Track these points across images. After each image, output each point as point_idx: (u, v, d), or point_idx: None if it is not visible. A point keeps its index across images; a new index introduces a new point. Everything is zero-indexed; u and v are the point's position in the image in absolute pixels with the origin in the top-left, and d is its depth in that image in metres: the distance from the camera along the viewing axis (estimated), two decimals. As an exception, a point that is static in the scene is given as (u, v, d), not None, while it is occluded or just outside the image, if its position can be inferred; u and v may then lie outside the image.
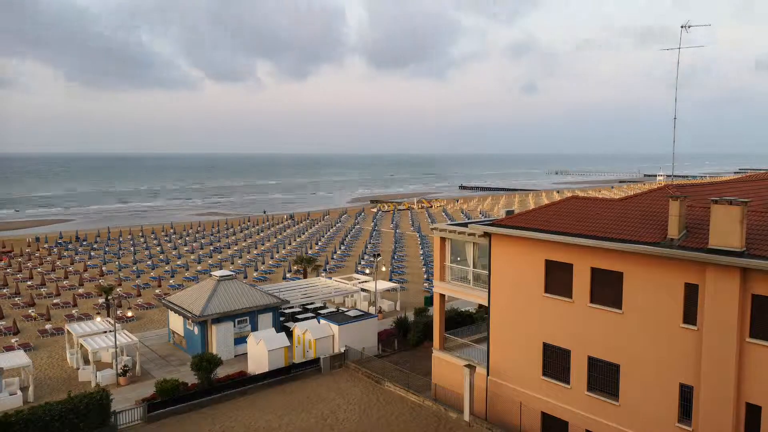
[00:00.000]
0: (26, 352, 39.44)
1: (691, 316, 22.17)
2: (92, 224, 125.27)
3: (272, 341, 37.57)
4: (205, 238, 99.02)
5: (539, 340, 27.54)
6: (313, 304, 49.27)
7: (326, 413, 31.61)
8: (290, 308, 47.84)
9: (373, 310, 49.66)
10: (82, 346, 38.41)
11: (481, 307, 43.66)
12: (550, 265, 26.80)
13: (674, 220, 22.61)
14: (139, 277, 67.82)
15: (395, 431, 29.66)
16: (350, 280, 55.26)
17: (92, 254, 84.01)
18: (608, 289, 24.67)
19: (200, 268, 72.91)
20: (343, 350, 38.68)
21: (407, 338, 42.31)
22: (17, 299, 57.22)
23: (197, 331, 40.44)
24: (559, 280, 26.46)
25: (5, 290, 60.67)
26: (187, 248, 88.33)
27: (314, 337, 38.78)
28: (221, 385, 33.73)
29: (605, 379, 25.28)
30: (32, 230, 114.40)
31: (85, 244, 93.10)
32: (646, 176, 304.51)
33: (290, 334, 41.24)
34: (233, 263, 74.90)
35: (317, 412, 31.80)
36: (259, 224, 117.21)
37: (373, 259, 69.90)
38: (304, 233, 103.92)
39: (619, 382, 24.69)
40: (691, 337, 22.17)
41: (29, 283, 64.87)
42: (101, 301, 53.98)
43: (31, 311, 52.26)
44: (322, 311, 47.08)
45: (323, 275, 61.35)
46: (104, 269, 71.34)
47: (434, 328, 33.71)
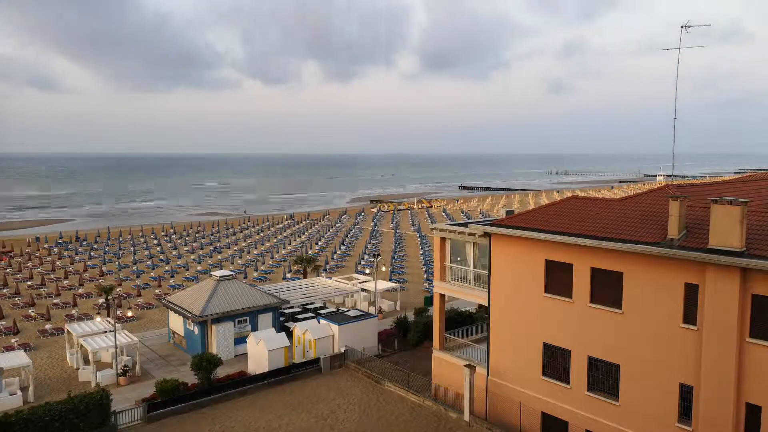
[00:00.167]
0: (26, 352, 39.46)
1: (691, 316, 22.17)
2: (92, 224, 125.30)
3: (272, 341, 37.57)
4: (205, 238, 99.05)
5: (539, 340, 27.54)
6: (313, 304, 49.27)
7: (326, 413, 31.61)
8: (290, 308, 47.85)
9: (373, 310, 49.66)
10: (82, 346, 38.42)
11: (481, 307, 43.67)
12: (550, 265, 26.80)
13: (674, 220, 22.61)
14: (139, 277, 67.84)
15: (395, 431, 29.67)
16: (350, 280, 55.26)
17: (92, 254, 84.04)
18: (608, 289, 24.67)
19: (200, 268, 72.92)
20: (343, 350, 38.69)
21: (407, 338, 42.31)
22: (17, 299, 57.25)
23: (197, 331, 40.44)
24: (559, 280, 26.46)
25: (5, 290, 60.69)
26: (187, 248, 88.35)
27: (314, 337, 38.79)
28: (221, 385, 33.73)
29: (605, 379, 25.28)
30: (32, 230, 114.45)
31: (85, 244, 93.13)
32: (646, 176, 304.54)
33: (290, 334, 41.24)
34: (233, 263, 74.91)
35: (317, 412, 31.80)
36: (259, 224, 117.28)
37: (373, 259, 69.90)
38: (304, 233, 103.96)
39: (619, 382, 24.68)
40: (691, 337, 22.17)
41: (29, 283, 64.89)
42: (101, 301, 53.99)
43: (31, 311, 52.28)
44: (322, 311, 47.08)
45: (323, 275, 61.35)
46: (104, 269, 71.36)
47: (434, 328, 33.71)
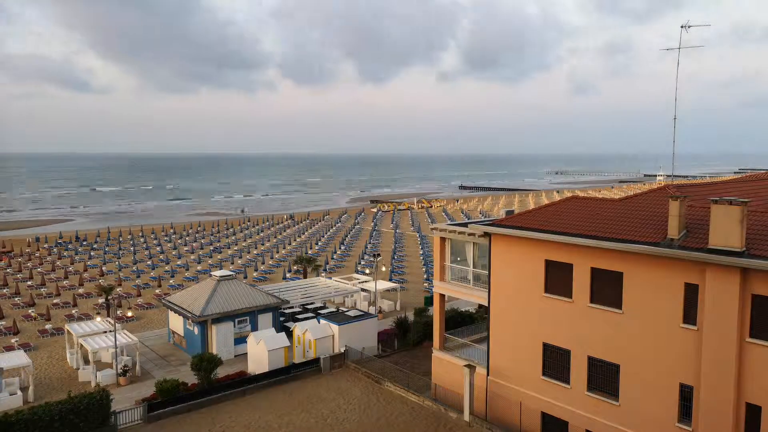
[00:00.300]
0: (26, 352, 39.45)
1: (691, 316, 22.17)
2: (92, 224, 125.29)
3: (272, 341, 37.57)
4: (205, 238, 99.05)
5: (539, 340, 27.54)
6: (313, 304, 49.27)
7: (326, 413, 31.61)
8: (290, 308, 47.86)
9: (373, 310, 49.65)
10: (82, 346, 38.40)
11: (481, 307, 43.66)
12: (550, 265, 26.80)
13: (674, 220, 22.60)
14: (139, 277, 67.83)
15: (395, 431, 29.67)
16: (350, 280, 55.27)
17: (92, 254, 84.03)
18: (608, 289, 24.66)
19: (200, 268, 72.92)
20: (343, 350, 38.68)
21: (407, 338, 42.30)
22: (17, 299, 57.23)
23: (197, 331, 40.44)
24: (559, 280, 26.46)
25: (5, 290, 60.70)
26: (187, 248, 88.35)
27: (314, 337, 38.79)
28: (221, 385, 33.72)
29: (605, 379, 25.28)
30: (32, 230, 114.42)
31: (85, 244, 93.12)
32: (646, 176, 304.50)
33: (290, 334, 41.25)
34: (233, 263, 74.91)
35: (317, 412, 31.80)
36: (259, 224, 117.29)
37: (373, 259, 69.91)
38: (304, 233, 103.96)
39: (619, 382, 24.69)
40: (691, 337, 22.17)
41: (29, 283, 64.88)
42: (101, 301, 53.99)
43: (31, 311, 52.27)
44: (322, 311, 47.08)
45: (323, 275, 61.35)
46: (104, 269, 71.36)
47: (434, 328, 33.71)
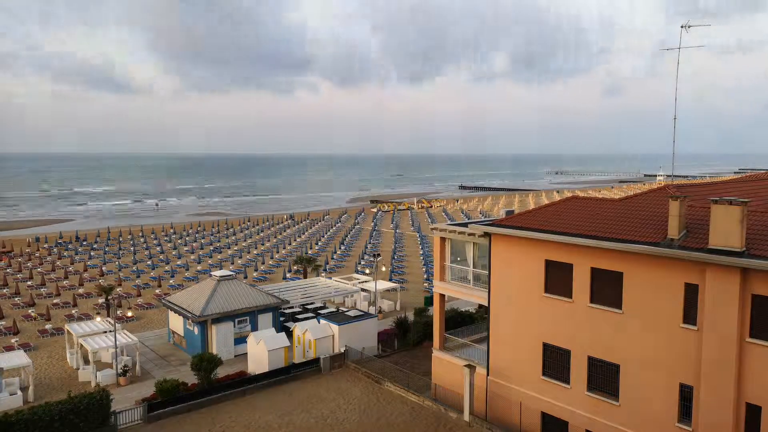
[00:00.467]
0: (26, 352, 39.45)
1: (691, 316, 22.17)
2: (92, 224, 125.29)
3: (272, 341, 37.58)
4: (205, 238, 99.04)
5: (539, 340, 27.54)
6: (313, 304, 49.27)
7: (326, 413, 31.60)
8: (290, 308, 47.86)
9: (373, 310, 49.64)
10: (82, 346, 38.40)
11: (481, 307, 43.66)
12: (550, 265, 26.80)
13: (674, 220, 22.60)
14: (139, 277, 67.83)
15: (395, 431, 29.67)
16: (350, 280, 55.27)
17: (92, 254, 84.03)
18: (608, 289, 24.66)
19: (200, 268, 72.92)
20: (343, 350, 38.68)
21: (407, 338, 42.30)
22: (17, 299, 57.23)
23: (197, 331, 40.44)
24: (559, 280, 26.46)
25: (5, 290, 60.70)
26: (187, 248, 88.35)
27: (314, 337, 38.79)
28: (221, 385, 33.71)
29: (605, 379, 25.28)
30: (32, 230, 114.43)
31: (85, 244, 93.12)
32: (646, 176, 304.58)
33: (290, 334, 41.25)
34: (233, 263, 74.90)
35: (317, 412, 31.80)
36: (259, 224, 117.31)
37: (373, 259, 69.93)
38: (304, 233, 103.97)
39: (619, 382, 24.69)
40: (691, 337, 22.17)
41: (29, 283, 64.88)
42: (101, 301, 54.00)
43: (31, 311, 52.27)
44: (322, 311, 47.08)
45: (323, 275, 61.35)
46: (104, 269, 71.36)
47: (434, 328, 33.71)
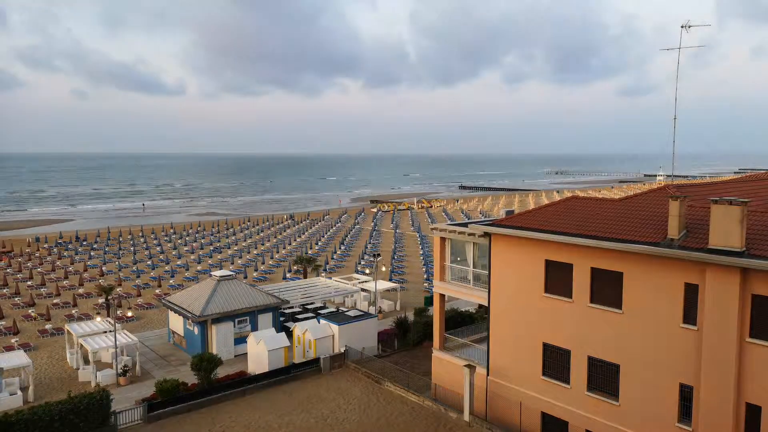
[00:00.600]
0: (26, 352, 39.45)
1: (691, 316, 22.17)
2: (92, 224, 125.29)
3: (272, 341, 37.57)
4: (205, 238, 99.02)
5: (539, 340, 27.55)
6: (313, 304, 49.27)
7: (326, 413, 31.61)
8: (290, 308, 47.86)
9: (373, 310, 49.65)
10: (82, 346, 38.41)
11: (481, 307, 43.66)
12: (550, 265, 26.80)
13: (674, 220, 22.61)
14: (139, 277, 67.82)
15: (395, 431, 29.67)
16: (350, 280, 55.27)
17: (92, 254, 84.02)
18: (608, 289, 24.67)
19: (200, 268, 72.92)
20: (343, 350, 38.68)
21: (407, 338, 42.30)
22: (17, 299, 57.23)
23: (197, 331, 40.44)
24: (559, 280, 26.46)
25: (5, 290, 60.69)
26: (187, 248, 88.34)
27: (314, 337, 38.78)
28: (221, 385, 33.72)
29: (605, 379, 25.28)
30: (32, 230, 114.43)
31: (85, 244, 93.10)
32: (646, 176, 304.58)
33: (290, 334, 41.25)
34: (233, 263, 74.89)
35: (317, 412, 31.80)
36: (259, 224, 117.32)
37: (373, 259, 69.91)
38: (304, 233, 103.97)
39: (619, 382, 24.69)
40: (691, 337, 22.18)
41: (29, 283, 64.87)
42: (101, 301, 53.99)
43: (31, 311, 52.27)
44: (322, 311, 47.07)
45: (323, 275, 61.35)
46: (104, 269, 71.35)
47: (434, 328, 33.71)
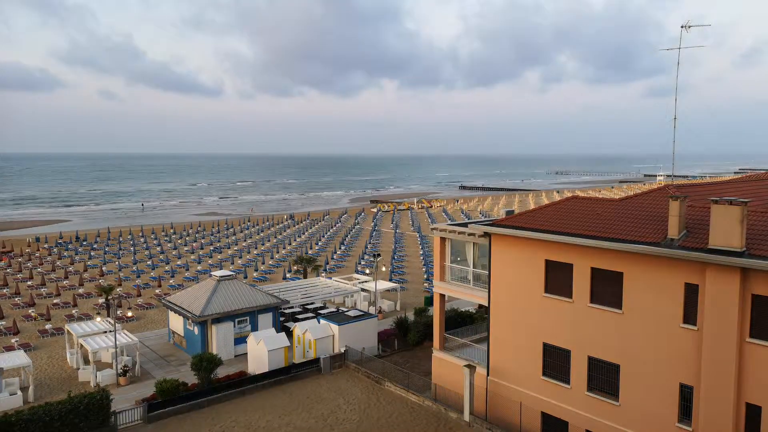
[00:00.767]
0: (26, 352, 39.48)
1: (691, 316, 22.18)
2: (92, 224, 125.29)
3: (272, 341, 37.56)
4: (205, 238, 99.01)
5: (539, 340, 27.55)
6: (313, 304, 49.28)
7: (326, 413, 31.61)
8: (290, 308, 47.87)
9: (373, 310, 49.66)
10: (82, 346, 38.41)
11: (481, 307, 43.68)
12: (550, 265, 26.80)
13: (674, 220, 22.61)
14: (139, 277, 67.83)
15: (395, 431, 29.67)
16: (350, 280, 55.27)
17: (92, 254, 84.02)
18: (608, 289, 24.67)
19: (200, 268, 72.91)
20: (343, 350, 38.68)
21: (407, 338, 42.30)
22: (17, 299, 57.23)
23: (197, 331, 40.43)
24: (559, 280, 26.46)
25: (5, 290, 60.68)
26: (187, 248, 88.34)
27: (314, 337, 38.78)
28: (221, 385, 33.72)
29: (605, 379, 25.28)
30: (32, 230, 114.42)
31: (85, 244, 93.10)
32: (646, 176, 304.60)
33: (290, 334, 41.25)
34: (233, 263, 74.88)
35: (317, 412, 31.80)
36: (259, 224, 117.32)
37: (373, 259, 69.89)
38: (304, 233, 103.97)
39: (619, 382, 24.69)
40: (691, 337, 22.18)
41: (29, 283, 64.87)
42: (101, 301, 54.00)
43: (31, 311, 52.26)
44: (322, 311, 47.07)
45: (323, 275, 61.35)
46: (104, 269, 71.34)
47: (434, 328, 33.71)
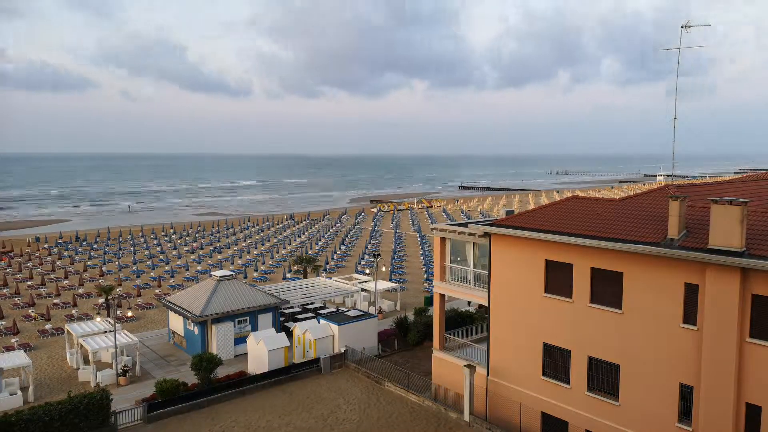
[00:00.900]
0: (26, 352, 39.47)
1: (691, 316, 22.18)
2: (92, 224, 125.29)
3: (272, 341, 37.56)
4: (205, 238, 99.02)
5: (539, 340, 27.54)
6: (313, 304, 49.27)
7: (326, 413, 31.61)
8: (290, 308, 47.87)
9: (373, 310, 49.65)
10: (82, 346, 38.41)
11: (481, 307, 43.69)
12: (550, 265, 26.80)
13: (674, 220, 22.61)
14: (139, 277, 67.83)
15: (395, 431, 29.67)
16: (350, 280, 55.27)
17: (92, 254, 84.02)
18: (608, 289, 24.67)
19: (200, 268, 72.91)
20: (343, 350, 38.68)
21: (407, 338, 42.30)
22: (17, 299, 57.22)
23: (197, 331, 40.43)
24: (559, 280, 26.46)
25: (5, 290, 60.67)
26: (187, 248, 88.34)
27: (314, 337, 38.78)
28: (221, 385, 33.72)
29: (605, 379, 25.29)
30: (32, 230, 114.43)
31: (85, 244, 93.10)
32: (646, 176, 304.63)
33: (290, 334, 41.25)
34: (233, 263, 74.88)
35: (317, 412, 31.81)
36: (259, 224, 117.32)
37: (373, 259, 69.89)
38: (304, 233, 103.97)
39: (619, 382, 24.69)
40: (691, 337, 22.18)
41: (29, 283, 64.87)
42: (101, 301, 54.00)
43: (31, 311, 52.26)
44: (322, 311, 47.06)
45: (323, 275, 61.35)
46: (104, 269, 71.34)
47: (434, 328, 33.71)
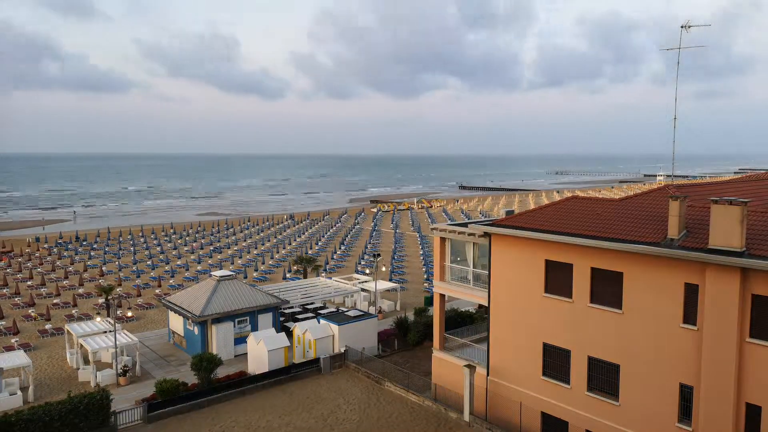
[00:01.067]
0: (26, 352, 39.48)
1: (691, 316, 22.18)
2: (92, 224, 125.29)
3: (272, 341, 37.57)
4: (205, 238, 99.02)
5: (539, 340, 27.55)
6: (313, 304, 49.27)
7: (326, 413, 31.62)
8: (290, 308, 47.87)
9: (373, 310, 49.66)
10: (82, 346, 38.41)
11: (481, 307, 43.69)
12: (550, 265, 26.80)
13: (674, 220, 22.61)
14: (139, 277, 67.83)
15: (395, 431, 29.67)
16: (350, 280, 55.28)
17: (92, 254, 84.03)
18: (608, 289, 24.67)
19: (200, 268, 72.91)
20: (343, 350, 38.68)
21: (407, 338, 42.30)
22: (17, 299, 57.22)
23: (197, 331, 40.44)
24: (559, 280, 26.46)
25: (5, 290, 60.68)
26: (187, 248, 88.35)
27: (314, 337, 38.79)
28: (221, 385, 33.72)
29: (605, 379, 25.29)
30: (32, 230, 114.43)
31: (85, 244, 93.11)
32: (646, 176, 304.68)
33: (290, 334, 41.25)
34: (233, 263, 74.89)
35: (317, 412, 31.81)
36: (259, 224, 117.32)
37: (373, 259, 69.90)
38: (304, 233, 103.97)
39: (619, 382, 24.70)
40: (691, 337, 22.18)
41: (29, 283, 64.88)
42: (101, 301, 54.00)
43: (31, 311, 52.26)
44: (322, 311, 47.07)
45: (323, 275, 61.36)
46: (104, 269, 71.34)
47: (434, 328, 33.71)
